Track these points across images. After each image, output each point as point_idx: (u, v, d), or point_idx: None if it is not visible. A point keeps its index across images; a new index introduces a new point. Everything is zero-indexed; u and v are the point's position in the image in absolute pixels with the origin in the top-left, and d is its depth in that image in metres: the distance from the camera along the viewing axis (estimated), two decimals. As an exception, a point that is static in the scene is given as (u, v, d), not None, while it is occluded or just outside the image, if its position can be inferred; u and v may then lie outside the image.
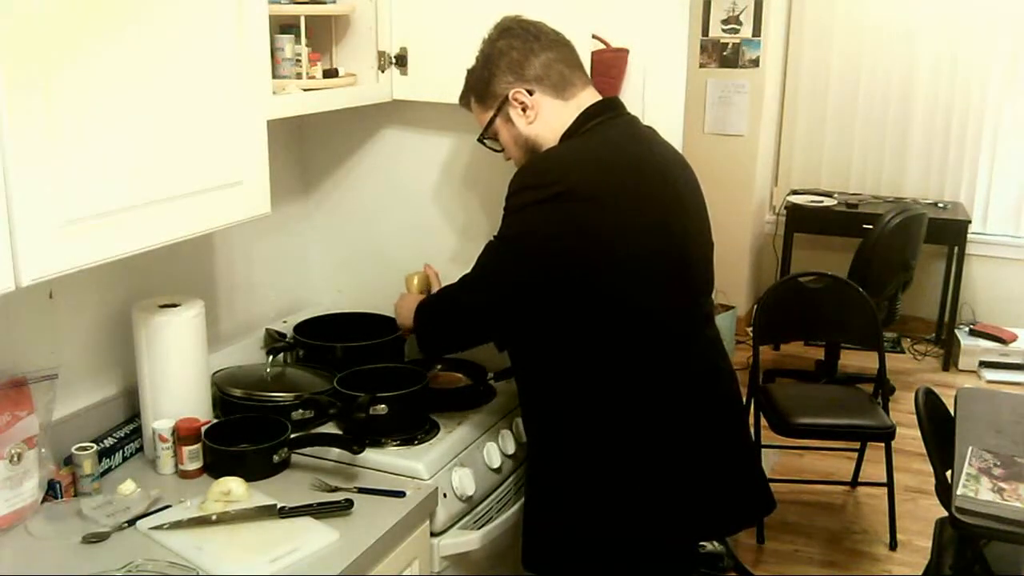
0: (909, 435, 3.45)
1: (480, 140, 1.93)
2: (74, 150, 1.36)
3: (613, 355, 1.75)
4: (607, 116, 1.81)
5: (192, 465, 1.86)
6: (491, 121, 1.86)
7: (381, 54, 2.20)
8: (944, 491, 2.41)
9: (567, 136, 1.80)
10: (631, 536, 1.78)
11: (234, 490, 1.73)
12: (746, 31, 5.37)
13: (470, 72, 1.89)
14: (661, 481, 1.79)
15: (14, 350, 1.76)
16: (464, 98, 1.93)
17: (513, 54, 1.80)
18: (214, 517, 1.67)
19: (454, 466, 1.96)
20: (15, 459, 1.64)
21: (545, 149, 1.82)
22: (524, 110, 1.81)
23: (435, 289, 2.15)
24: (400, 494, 1.79)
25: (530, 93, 1.80)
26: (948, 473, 2.43)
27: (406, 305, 2.08)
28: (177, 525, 1.65)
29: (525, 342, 1.85)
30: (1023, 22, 5.28)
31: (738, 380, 1.99)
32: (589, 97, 1.83)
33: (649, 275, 1.74)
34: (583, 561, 1.82)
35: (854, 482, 3.90)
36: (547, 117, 1.81)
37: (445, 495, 1.90)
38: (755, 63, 5.39)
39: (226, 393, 2.03)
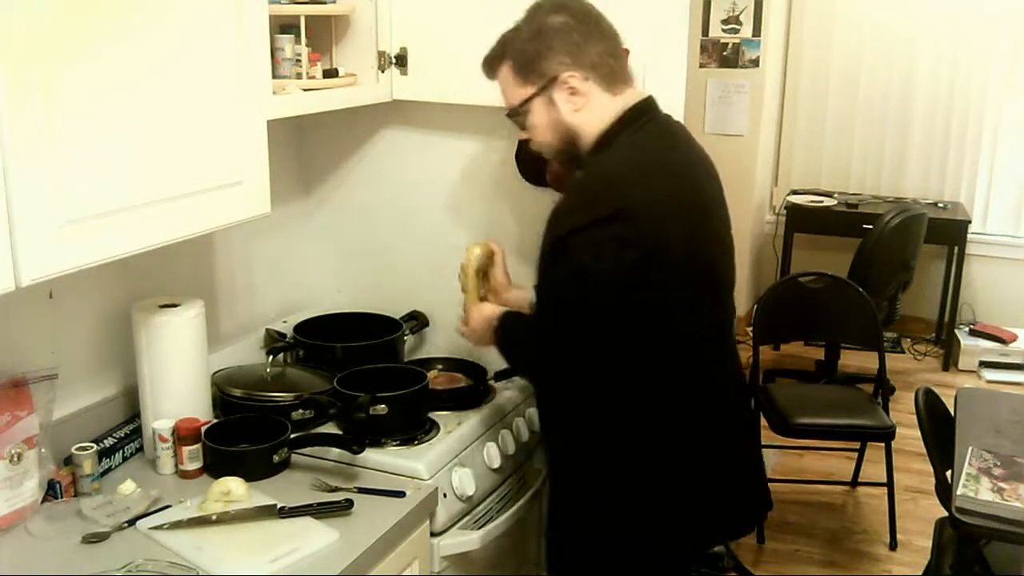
0: (909, 435, 3.45)
1: (510, 115, 1.77)
2: (74, 150, 1.36)
3: (645, 363, 1.70)
4: (644, 120, 1.73)
5: (192, 465, 1.86)
6: (530, 99, 1.71)
7: (381, 54, 2.20)
8: (944, 491, 2.41)
9: (606, 137, 1.70)
10: (651, 539, 1.77)
11: (234, 490, 1.73)
12: (746, 31, 5.36)
13: (510, 39, 1.73)
14: (681, 485, 1.77)
15: (14, 350, 1.76)
16: (494, 63, 1.75)
17: (573, 35, 1.67)
18: (214, 517, 1.67)
19: (454, 466, 1.96)
20: (15, 459, 1.64)
21: (586, 165, 1.71)
22: (573, 95, 1.69)
23: (498, 268, 2.05)
24: (400, 494, 1.79)
25: (583, 80, 1.69)
26: (948, 473, 2.43)
27: (479, 322, 1.94)
28: (177, 525, 1.65)
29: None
30: (1023, 22, 5.28)
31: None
32: (632, 95, 1.75)
33: (686, 285, 1.69)
34: (608, 564, 1.79)
35: (854, 482, 3.90)
36: (593, 108, 1.70)
37: (445, 495, 1.90)
38: (755, 63, 5.39)
39: (226, 393, 2.03)
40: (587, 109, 1.70)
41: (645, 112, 1.75)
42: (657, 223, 1.61)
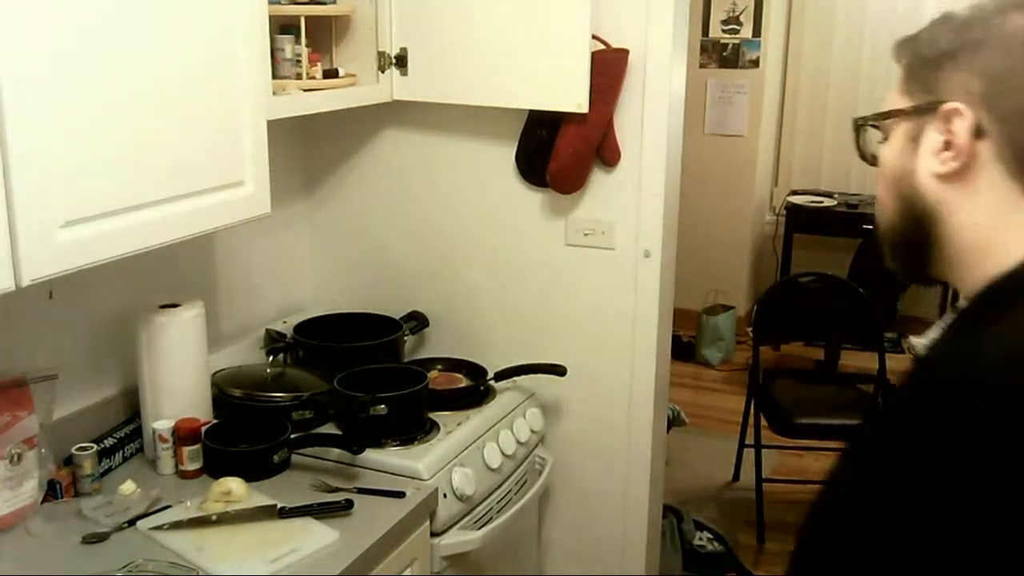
0: (909, 435, 3.45)
1: (860, 122, 1.17)
2: (75, 150, 1.36)
3: None
4: None
5: (192, 465, 1.86)
6: (892, 115, 1.09)
7: (381, 54, 2.20)
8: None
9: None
10: None
11: (234, 490, 1.73)
12: (746, 31, 5.36)
13: (936, 27, 1.07)
14: None
15: (14, 350, 1.76)
16: (901, 48, 1.12)
17: (1011, 60, 0.95)
18: (214, 517, 1.67)
19: (454, 466, 1.96)
20: (15, 459, 1.64)
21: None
22: (945, 149, 0.97)
23: None
24: (400, 494, 1.79)
25: (978, 136, 0.95)
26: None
27: None
28: (177, 525, 1.65)
29: None
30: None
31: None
32: None
33: None
34: None
35: (854, 482, 3.89)
36: (970, 195, 0.97)
37: (445, 495, 1.90)
38: (755, 63, 5.39)
39: (226, 393, 2.03)
40: (957, 189, 0.98)
41: None
42: None
